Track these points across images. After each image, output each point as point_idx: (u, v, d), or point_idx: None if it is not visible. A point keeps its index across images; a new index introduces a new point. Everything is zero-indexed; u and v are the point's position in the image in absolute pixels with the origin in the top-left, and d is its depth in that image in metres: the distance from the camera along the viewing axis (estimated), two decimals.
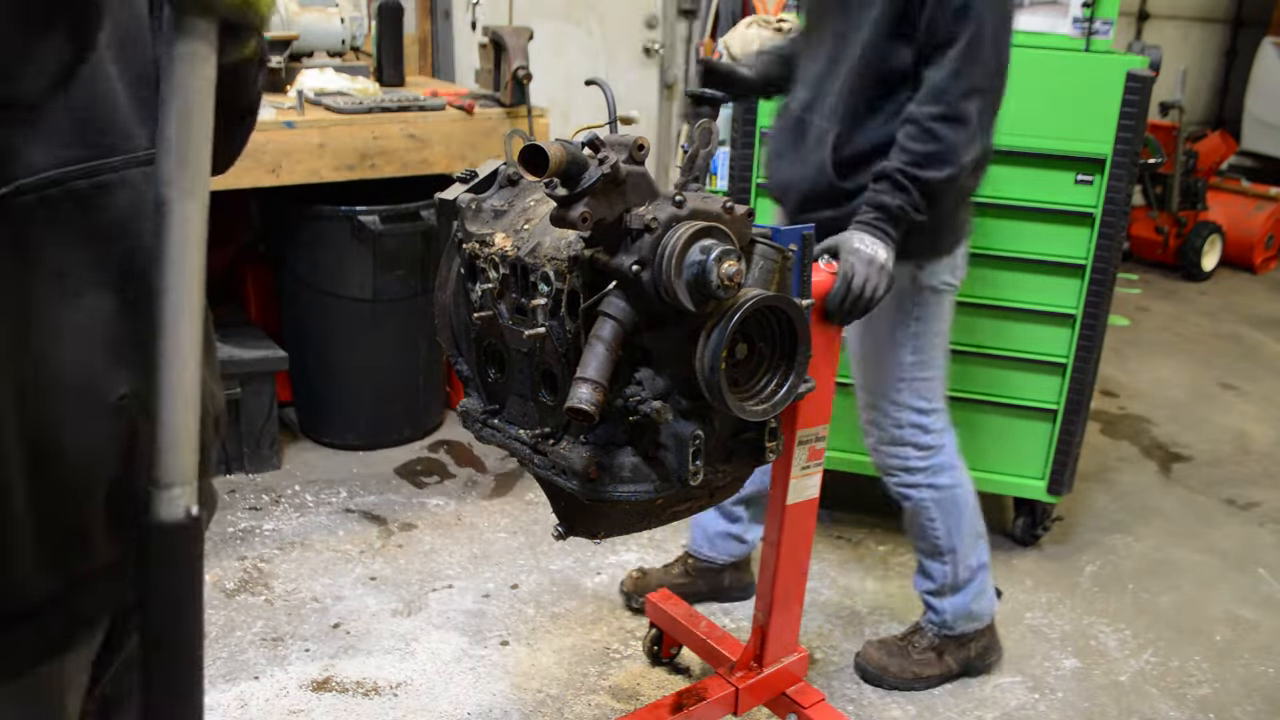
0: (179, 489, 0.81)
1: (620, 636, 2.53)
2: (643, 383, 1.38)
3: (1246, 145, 7.38)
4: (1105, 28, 2.72)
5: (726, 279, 1.29)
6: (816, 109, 2.05)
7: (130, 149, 0.84)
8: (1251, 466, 3.73)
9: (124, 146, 0.83)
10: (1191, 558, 3.07)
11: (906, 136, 1.89)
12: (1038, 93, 2.67)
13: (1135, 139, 2.63)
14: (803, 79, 2.11)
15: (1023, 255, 2.78)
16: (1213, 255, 6.22)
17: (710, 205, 1.37)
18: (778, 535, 1.92)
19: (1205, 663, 2.57)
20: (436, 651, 2.43)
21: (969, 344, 2.86)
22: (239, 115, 1.00)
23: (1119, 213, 2.68)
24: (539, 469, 1.50)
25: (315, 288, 3.26)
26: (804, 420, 1.82)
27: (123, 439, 0.85)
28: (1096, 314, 2.76)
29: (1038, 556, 3.01)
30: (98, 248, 0.82)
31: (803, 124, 2.07)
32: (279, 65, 3.12)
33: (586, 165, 1.28)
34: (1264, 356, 4.97)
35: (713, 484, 1.51)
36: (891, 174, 1.88)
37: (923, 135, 1.88)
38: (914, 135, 1.89)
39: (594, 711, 2.27)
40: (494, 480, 3.27)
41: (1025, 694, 2.42)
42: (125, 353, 0.84)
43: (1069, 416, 2.84)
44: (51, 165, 0.78)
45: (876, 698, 2.37)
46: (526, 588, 2.71)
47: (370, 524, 2.96)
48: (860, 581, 2.83)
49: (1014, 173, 2.72)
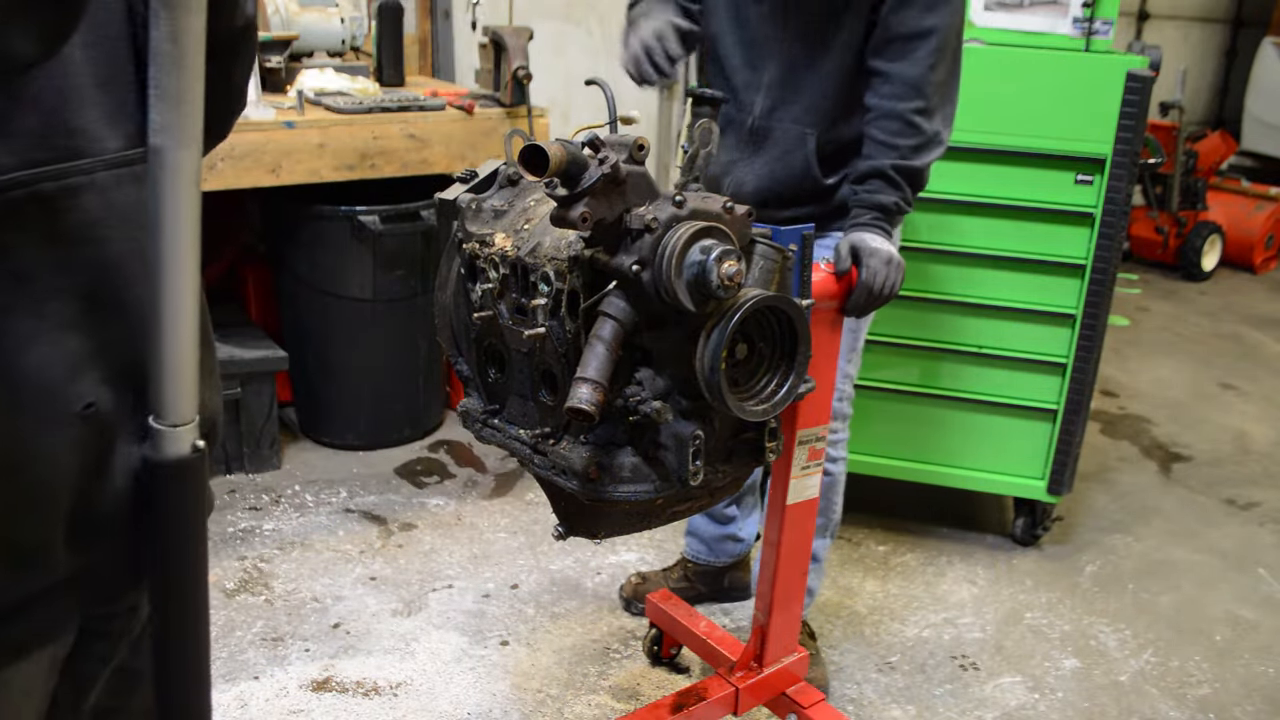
0: (183, 427, 0.80)
1: (620, 636, 2.53)
2: (643, 383, 1.38)
3: (1246, 145, 7.38)
4: (1105, 28, 2.72)
5: (726, 279, 1.29)
6: (784, 114, 2.04)
7: (99, 151, 0.82)
8: (1251, 466, 3.73)
9: (93, 149, 0.81)
10: (1191, 558, 3.07)
11: (891, 133, 1.90)
12: (1038, 93, 2.68)
13: (1135, 139, 2.63)
14: (747, 87, 2.07)
15: (1023, 255, 2.78)
16: (1213, 255, 6.22)
17: (710, 205, 1.37)
18: (778, 535, 1.92)
19: (1205, 663, 2.57)
20: (436, 651, 2.43)
21: (969, 344, 2.86)
22: (228, 69, 0.97)
23: (1119, 213, 2.68)
24: (539, 469, 1.50)
25: (315, 288, 3.26)
26: (804, 420, 1.82)
27: (88, 449, 0.82)
28: (1096, 314, 2.76)
29: (1038, 556, 3.01)
30: (63, 252, 0.79)
31: (764, 131, 2.06)
32: (279, 65, 3.12)
33: (586, 165, 1.28)
34: (1264, 356, 4.97)
35: (713, 484, 1.51)
36: (884, 172, 1.89)
37: (908, 129, 1.89)
38: (899, 131, 1.89)
39: (594, 711, 2.27)
40: (494, 480, 3.27)
41: (1025, 694, 2.42)
42: (92, 362, 0.81)
43: (1069, 416, 2.84)
44: (17, 167, 0.75)
45: (876, 697, 2.37)
46: (526, 588, 2.71)
47: (370, 524, 2.96)
48: (860, 581, 2.83)
49: (1014, 173, 2.72)
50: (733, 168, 2.11)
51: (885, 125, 1.90)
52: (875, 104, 1.92)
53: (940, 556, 2.97)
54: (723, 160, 2.12)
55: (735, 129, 2.09)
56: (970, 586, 2.84)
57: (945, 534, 3.10)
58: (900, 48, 1.89)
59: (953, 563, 2.95)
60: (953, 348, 2.87)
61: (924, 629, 2.64)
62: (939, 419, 2.92)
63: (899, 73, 1.90)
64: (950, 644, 2.59)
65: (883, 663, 2.50)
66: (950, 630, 2.64)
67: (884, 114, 1.91)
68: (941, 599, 2.77)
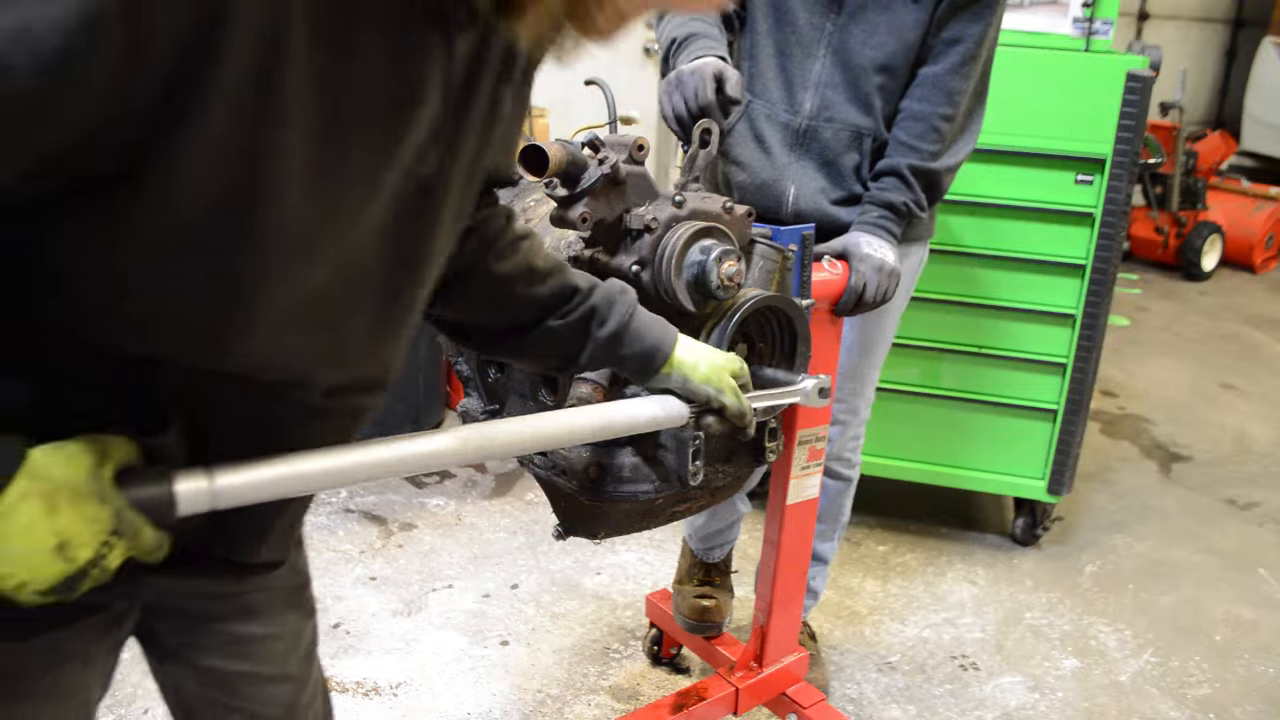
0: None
1: (620, 636, 2.53)
2: None
3: (1246, 145, 7.39)
4: (1105, 28, 2.72)
5: (726, 279, 1.29)
6: (834, 114, 1.92)
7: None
8: (1251, 466, 3.73)
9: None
10: (1191, 558, 3.07)
11: (914, 135, 1.88)
12: (1038, 93, 2.68)
13: (1135, 139, 2.63)
14: (788, 85, 1.93)
15: (1023, 255, 2.78)
16: (1213, 255, 6.23)
17: (710, 205, 1.37)
18: (778, 535, 1.91)
19: (1205, 663, 2.57)
20: (436, 651, 2.43)
21: (969, 344, 2.86)
22: None
23: (1119, 213, 2.68)
24: (539, 469, 1.50)
25: None
26: (804, 420, 1.82)
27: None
28: (1096, 314, 2.76)
29: (1038, 556, 3.01)
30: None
31: (811, 132, 1.93)
32: None
33: (586, 165, 1.28)
34: (1264, 356, 4.97)
35: (713, 484, 1.51)
36: (900, 171, 1.87)
37: (931, 133, 1.88)
38: (923, 134, 1.88)
39: (594, 711, 2.27)
40: (494, 480, 3.27)
41: (1025, 694, 2.42)
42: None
43: (1069, 416, 2.84)
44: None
45: (876, 697, 2.37)
46: (526, 588, 2.71)
47: (370, 524, 2.96)
48: (860, 581, 2.83)
49: (1014, 173, 2.72)
50: (785, 172, 1.96)
51: (910, 127, 1.89)
52: (905, 105, 1.91)
53: (940, 556, 2.98)
54: (778, 165, 1.97)
55: (781, 131, 1.95)
56: (970, 586, 2.84)
57: (945, 534, 3.10)
58: (941, 51, 1.88)
59: (953, 563, 2.95)
60: (953, 348, 2.87)
61: (924, 629, 2.64)
62: (939, 419, 2.92)
63: (932, 77, 1.88)
64: (950, 644, 2.59)
65: (883, 663, 2.50)
66: (950, 630, 2.64)
67: (911, 115, 1.89)
68: (941, 599, 2.77)
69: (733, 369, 1.22)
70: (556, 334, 1.11)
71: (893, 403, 2.88)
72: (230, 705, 1.11)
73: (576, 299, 1.12)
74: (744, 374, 1.23)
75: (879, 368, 2.21)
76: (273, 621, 1.11)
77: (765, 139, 1.96)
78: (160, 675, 1.13)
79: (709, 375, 1.18)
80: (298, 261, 0.78)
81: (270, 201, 0.72)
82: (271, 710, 1.13)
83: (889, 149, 1.91)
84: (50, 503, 0.71)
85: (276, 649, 1.12)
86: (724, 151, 2.00)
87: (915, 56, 1.89)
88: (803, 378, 1.35)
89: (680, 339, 1.19)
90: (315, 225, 0.77)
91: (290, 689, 1.14)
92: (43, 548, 0.71)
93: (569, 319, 1.11)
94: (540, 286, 1.10)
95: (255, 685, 1.11)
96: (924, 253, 2.15)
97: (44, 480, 0.71)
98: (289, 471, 0.82)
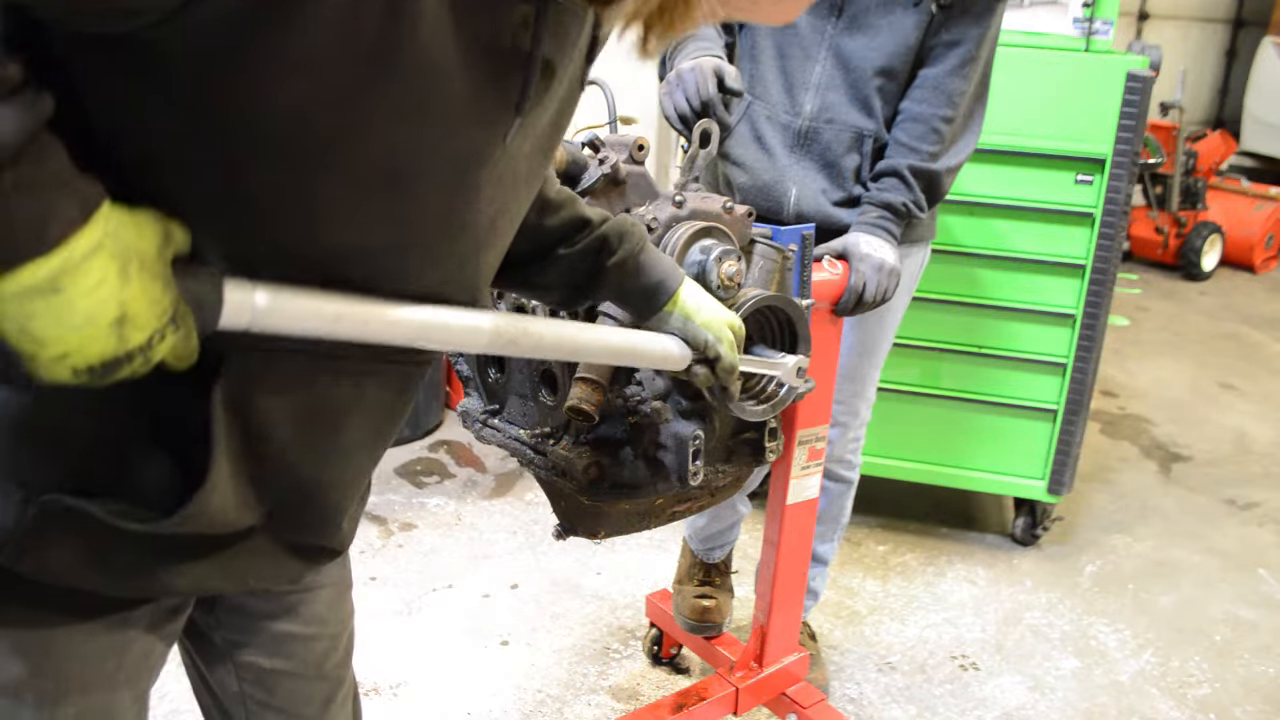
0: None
1: (620, 636, 2.53)
2: (642, 383, 1.38)
3: (1246, 145, 7.39)
4: (1105, 28, 2.72)
5: (726, 279, 1.29)
6: (834, 115, 1.92)
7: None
8: (1251, 466, 3.73)
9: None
10: (1191, 558, 3.07)
11: (915, 136, 1.88)
12: (1038, 93, 2.68)
13: (1135, 139, 2.63)
14: (789, 87, 1.94)
15: (1023, 255, 2.78)
16: (1213, 255, 6.23)
17: (710, 205, 1.37)
18: (778, 535, 1.92)
19: (1205, 663, 2.57)
20: (436, 651, 2.43)
21: (969, 344, 2.86)
22: None
23: (1119, 213, 2.68)
24: (539, 469, 1.50)
25: None
26: (804, 420, 1.82)
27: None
28: (1096, 314, 2.76)
29: (1038, 556, 3.01)
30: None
31: (812, 133, 1.94)
32: None
33: (587, 165, 1.28)
34: (1264, 356, 4.97)
35: (713, 484, 1.51)
36: (900, 172, 1.88)
37: (931, 135, 1.88)
38: (923, 135, 1.88)
39: (594, 711, 2.27)
40: (494, 480, 3.27)
41: (1025, 694, 2.42)
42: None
43: (1069, 416, 2.84)
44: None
45: (876, 697, 2.37)
46: (526, 588, 2.71)
47: (370, 524, 2.96)
48: (860, 581, 2.83)
49: (1014, 173, 2.72)
50: (786, 173, 1.96)
51: (910, 128, 1.89)
52: (905, 107, 1.91)
53: (940, 556, 2.98)
54: (779, 166, 1.97)
55: (782, 132, 1.96)
56: (970, 586, 2.84)
57: (945, 534, 3.10)
58: (940, 53, 1.88)
59: (953, 563, 2.95)
60: (953, 347, 2.87)
61: (924, 629, 2.64)
62: (939, 419, 2.92)
63: (932, 78, 1.88)
64: (950, 644, 2.59)
65: (883, 663, 2.50)
66: (950, 630, 2.64)
67: (911, 117, 1.89)
68: (941, 599, 2.77)
69: (733, 324, 1.23)
70: (567, 263, 1.12)
71: (893, 403, 2.88)
72: (268, 704, 1.11)
73: (588, 229, 1.13)
74: (741, 333, 1.24)
75: (879, 370, 2.21)
76: (316, 621, 1.12)
77: (766, 140, 1.96)
78: (197, 673, 1.12)
79: (709, 322, 1.19)
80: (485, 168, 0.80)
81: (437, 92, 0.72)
82: (308, 710, 1.13)
83: (889, 150, 1.92)
84: (124, 267, 0.62)
85: (317, 649, 1.12)
86: (724, 153, 2.01)
87: (915, 58, 1.89)
88: (784, 355, 1.36)
89: (686, 281, 1.20)
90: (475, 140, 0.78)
91: (326, 689, 1.15)
92: (104, 317, 0.61)
93: (579, 247, 1.12)
94: (552, 217, 1.10)
95: (294, 684, 1.11)
96: (925, 254, 2.15)
97: (118, 239, 0.62)
98: (330, 309, 0.77)
